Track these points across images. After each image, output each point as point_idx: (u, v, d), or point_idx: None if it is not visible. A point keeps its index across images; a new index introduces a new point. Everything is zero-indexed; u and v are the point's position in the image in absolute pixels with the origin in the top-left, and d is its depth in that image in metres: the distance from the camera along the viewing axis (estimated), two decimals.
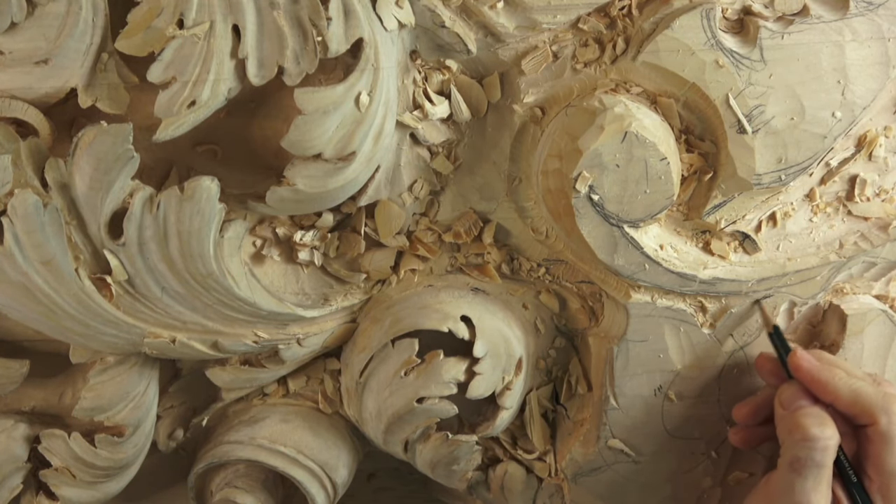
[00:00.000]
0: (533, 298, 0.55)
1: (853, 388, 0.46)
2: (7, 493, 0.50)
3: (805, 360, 0.47)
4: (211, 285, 0.46)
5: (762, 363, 0.51)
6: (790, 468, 0.44)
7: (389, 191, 0.49)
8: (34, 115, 0.41)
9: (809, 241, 0.52)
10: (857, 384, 0.46)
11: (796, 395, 0.47)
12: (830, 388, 0.46)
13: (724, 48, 0.45)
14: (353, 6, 0.40)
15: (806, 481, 0.44)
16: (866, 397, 0.45)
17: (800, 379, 0.47)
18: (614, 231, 0.47)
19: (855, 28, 0.45)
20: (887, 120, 0.50)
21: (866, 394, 0.45)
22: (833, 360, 0.48)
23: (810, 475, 0.44)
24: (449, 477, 0.56)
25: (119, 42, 0.40)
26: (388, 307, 0.53)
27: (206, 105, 0.40)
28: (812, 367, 0.47)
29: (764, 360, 0.51)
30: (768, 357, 0.51)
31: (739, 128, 0.46)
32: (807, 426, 0.44)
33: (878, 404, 0.45)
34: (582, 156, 0.44)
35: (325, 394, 0.57)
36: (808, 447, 0.44)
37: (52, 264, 0.42)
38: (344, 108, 0.41)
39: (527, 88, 0.47)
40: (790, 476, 0.44)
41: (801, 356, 0.47)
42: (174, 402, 0.56)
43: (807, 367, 0.47)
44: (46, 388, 0.52)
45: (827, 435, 0.44)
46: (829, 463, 0.44)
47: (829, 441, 0.44)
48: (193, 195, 0.42)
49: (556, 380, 0.57)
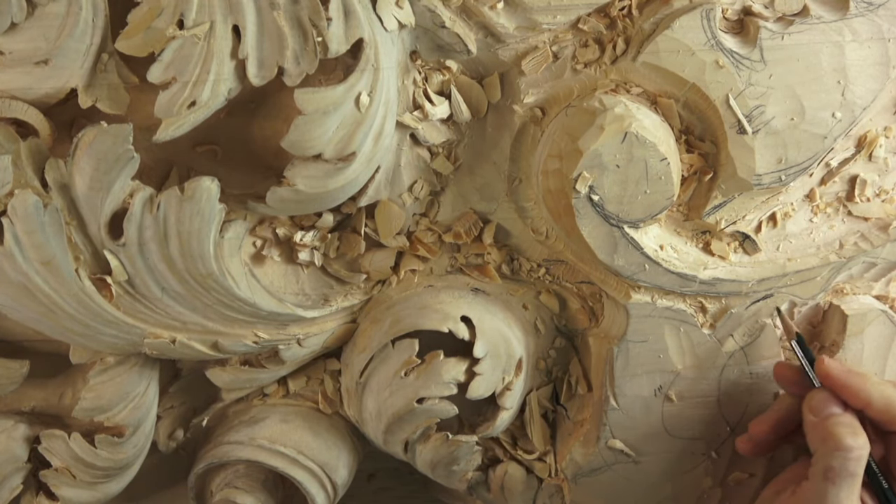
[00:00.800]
0: (533, 299, 0.55)
1: (885, 394, 0.45)
2: (7, 493, 0.50)
3: (834, 366, 0.46)
4: (211, 285, 0.46)
5: (782, 372, 0.50)
6: (824, 477, 0.43)
7: (389, 191, 0.49)
8: (34, 115, 0.41)
9: (809, 241, 0.51)
10: (888, 390, 0.45)
11: (827, 401, 0.46)
12: (863, 394, 0.45)
13: (724, 48, 0.45)
14: (354, 6, 0.40)
15: (840, 491, 0.43)
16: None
17: (830, 386, 0.46)
18: (614, 231, 0.47)
19: (855, 28, 0.45)
20: (887, 120, 0.50)
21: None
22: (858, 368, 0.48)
23: (844, 485, 0.43)
24: (449, 477, 0.56)
25: (119, 42, 0.40)
26: (388, 307, 0.53)
27: (206, 105, 0.40)
28: (842, 374, 0.46)
29: (783, 368, 0.50)
30: (787, 366, 0.50)
31: (739, 128, 0.46)
32: (841, 435, 0.44)
33: None
34: (582, 156, 0.44)
35: (325, 394, 0.56)
36: (843, 457, 0.43)
37: (52, 264, 0.42)
38: (344, 109, 0.41)
39: (527, 89, 0.47)
40: (824, 485, 0.43)
41: (829, 363, 0.46)
42: (174, 403, 0.56)
43: (836, 374, 0.46)
44: (46, 388, 0.52)
45: (860, 444, 0.43)
46: (861, 472, 0.43)
47: (862, 451, 0.43)
48: (193, 195, 0.42)
49: (556, 380, 0.57)
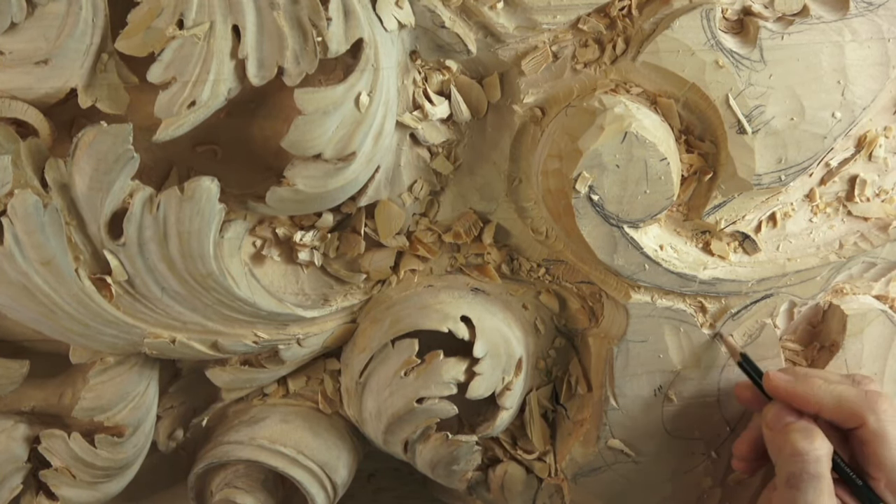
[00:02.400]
0: (533, 298, 0.55)
1: (834, 393, 0.45)
2: (7, 493, 0.50)
3: (779, 378, 0.47)
4: (211, 285, 0.46)
5: (742, 393, 0.50)
6: (787, 485, 0.44)
7: (389, 191, 0.49)
8: (34, 115, 0.41)
9: (809, 241, 0.51)
10: (837, 389, 0.45)
11: (780, 413, 0.46)
12: (812, 399, 0.46)
13: (724, 48, 0.45)
14: (353, 6, 0.40)
15: (806, 495, 0.43)
16: (849, 400, 0.45)
17: (779, 398, 0.47)
18: (614, 231, 0.47)
19: (855, 28, 0.45)
20: (887, 120, 0.50)
21: (849, 397, 0.45)
22: (808, 372, 0.48)
23: (809, 488, 0.43)
24: (449, 477, 0.56)
25: (119, 42, 0.40)
26: (388, 307, 0.53)
27: (206, 105, 0.40)
28: (787, 384, 0.46)
29: (742, 389, 0.50)
30: (746, 385, 0.50)
31: (739, 128, 0.46)
32: (794, 441, 0.44)
33: (862, 405, 0.44)
34: (582, 156, 0.44)
35: (325, 394, 0.56)
36: (800, 461, 0.44)
37: (52, 264, 0.42)
38: (344, 109, 0.42)
39: (527, 89, 0.47)
40: (790, 493, 0.44)
41: (773, 376, 0.47)
42: (174, 403, 0.56)
43: (783, 386, 0.47)
44: (46, 388, 0.52)
45: (815, 446, 0.44)
46: (824, 473, 0.44)
47: (818, 451, 0.44)
48: (193, 195, 0.42)
49: (556, 380, 0.57)
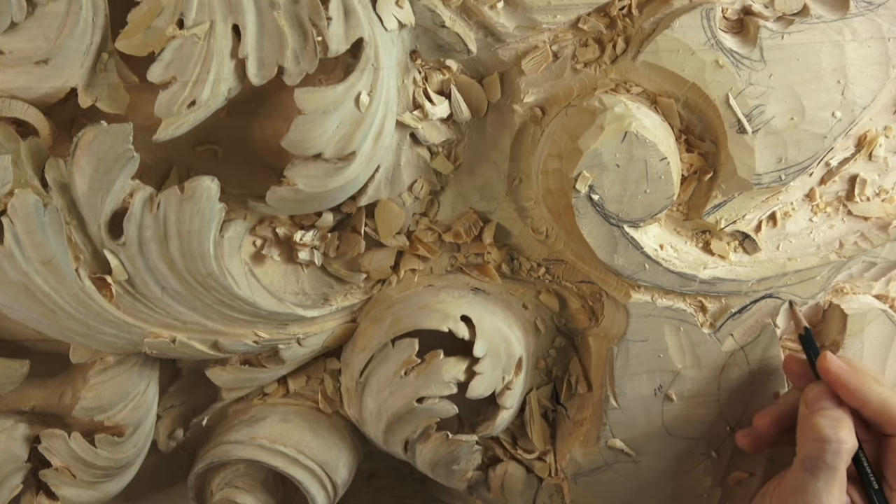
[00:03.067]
0: (533, 298, 0.55)
1: (882, 396, 0.45)
2: (7, 492, 0.50)
3: (834, 362, 0.47)
4: (211, 285, 0.46)
5: (790, 364, 0.50)
6: (802, 467, 0.44)
7: (389, 191, 0.49)
8: (34, 115, 0.41)
9: (809, 240, 0.51)
10: (885, 392, 0.45)
11: (821, 395, 0.46)
12: (859, 394, 0.45)
13: (724, 48, 0.45)
14: (353, 6, 0.40)
15: (818, 481, 0.43)
16: (894, 406, 0.45)
17: (828, 381, 0.46)
18: (614, 231, 0.47)
19: (855, 28, 0.45)
20: (887, 120, 0.50)
21: (894, 403, 0.45)
22: (862, 367, 0.47)
23: (822, 476, 0.43)
24: (449, 477, 0.56)
25: (119, 42, 0.40)
26: (388, 307, 0.53)
27: (206, 105, 0.40)
28: (841, 371, 0.46)
29: (792, 361, 0.50)
30: (796, 358, 0.50)
31: (739, 128, 0.46)
32: (821, 426, 0.44)
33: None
34: (582, 156, 0.44)
35: (325, 394, 0.56)
36: (820, 448, 0.43)
37: (52, 264, 0.42)
38: (344, 108, 0.42)
39: (527, 88, 0.47)
40: (802, 475, 0.44)
41: (830, 359, 0.47)
42: (174, 402, 0.56)
43: (835, 370, 0.46)
44: (46, 388, 0.52)
45: (840, 438, 0.43)
46: (841, 466, 0.43)
47: (842, 444, 0.43)
48: (193, 195, 0.42)
49: (556, 380, 0.57)
